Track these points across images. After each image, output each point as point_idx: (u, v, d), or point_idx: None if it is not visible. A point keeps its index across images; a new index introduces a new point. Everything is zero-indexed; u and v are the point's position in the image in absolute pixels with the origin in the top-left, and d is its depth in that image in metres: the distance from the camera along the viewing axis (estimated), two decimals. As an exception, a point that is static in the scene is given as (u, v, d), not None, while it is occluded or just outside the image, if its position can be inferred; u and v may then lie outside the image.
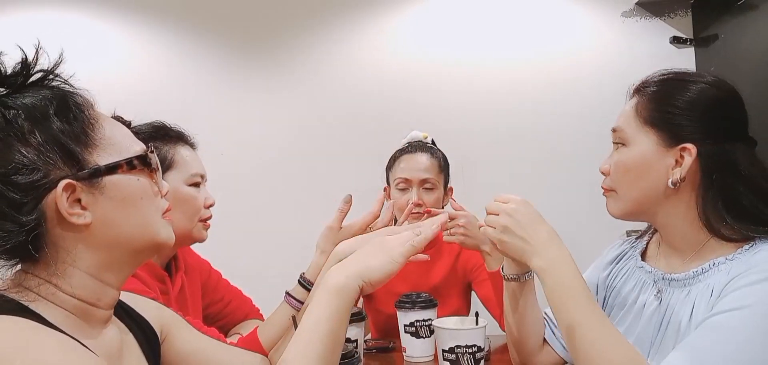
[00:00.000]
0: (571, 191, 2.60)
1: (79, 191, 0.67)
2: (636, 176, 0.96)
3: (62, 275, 0.68)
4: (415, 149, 1.73)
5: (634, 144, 0.96)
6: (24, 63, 0.68)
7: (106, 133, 0.71)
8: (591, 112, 2.62)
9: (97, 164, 0.68)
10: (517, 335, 1.16)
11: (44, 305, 0.67)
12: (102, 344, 0.71)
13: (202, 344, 0.93)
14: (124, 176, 0.70)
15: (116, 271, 0.72)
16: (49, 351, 0.59)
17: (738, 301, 0.82)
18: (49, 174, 0.65)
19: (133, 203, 0.71)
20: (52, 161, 0.66)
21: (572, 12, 2.77)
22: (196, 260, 1.46)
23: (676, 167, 0.93)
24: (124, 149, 0.72)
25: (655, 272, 1.01)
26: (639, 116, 0.96)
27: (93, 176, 0.68)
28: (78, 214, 0.67)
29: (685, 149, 0.92)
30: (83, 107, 0.70)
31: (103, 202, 0.69)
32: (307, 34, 2.83)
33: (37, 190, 0.65)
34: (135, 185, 0.72)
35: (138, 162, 0.72)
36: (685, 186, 0.93)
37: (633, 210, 1.00)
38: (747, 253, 0.88)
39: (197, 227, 1.27)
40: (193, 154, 1.30)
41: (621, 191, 0.99)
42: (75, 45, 2.51)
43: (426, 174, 1.67)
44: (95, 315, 0.71)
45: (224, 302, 1.48)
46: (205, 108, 2.79)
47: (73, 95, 0.71)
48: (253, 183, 2.80)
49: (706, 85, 0.95)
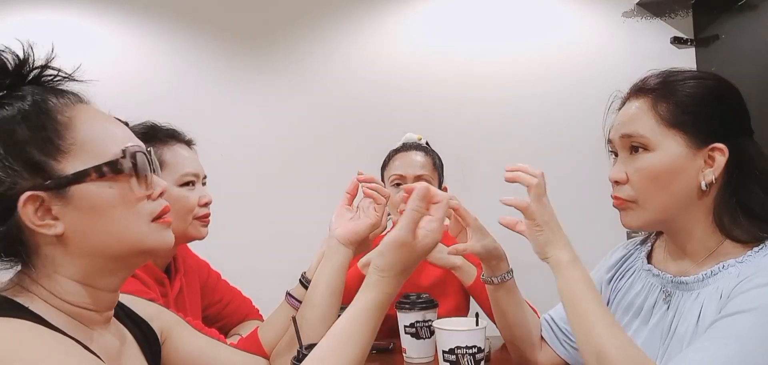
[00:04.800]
0: (571, 191, 2.59)
1: (49, 201, 0.65)
2: (666, 182, 0.91)
3: (55, 280, 0.68)
4: (410, 148, 1.77)
5: (661, 149, 0.90)
6: (17, 65, 0.68)
7: (79, 137, 0.68)
8: (591, 112, 2.59)
9: (64, 172, 0.66)
10: (508, 335, 1.17)
11: (43, 306, 0.67)
12: (102, 345, 0.70)
13: (202, 345, 0.93)
14: (93, 185, 0.67)
15: (106, 276, 0.71)
16: (49, 352, 0.59)
17: (746, 304, 0.81)
18: (15, 185, 0.64)
19: (103, 213, 0.68)
20: (17, 171, 0.65)
21: (572, 12, 2.76)
22: (194, 261, 1.45)
23: (706, 168, 0.90)
24: (97, 155, 0.68)
25: (663, 276, 0.99)
26: (661, 118, 0.91)
27: (59, 187, 0.66)
28: (49, 225, 0.66)
29: (715, 149, 0.89)
30: (53, 111, 0.68)
31: (71, 211, 0.66)
32: (307, 35, 2.82)
33: (6, 202, 0.64)
34: (105, 193, 0.68)
35: (108, 169, 0.68)
36: (711, 188, 0.91)
37: (657, 219, 0.95)
38: (757, 255, 0.87)
39: (193, 226, 1.25)
40: (186, 152, 1.27)
41: (647, 200, 0.93)
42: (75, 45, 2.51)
43: (421, 170, 1.70)
44: (93, 318, 0.71)
45: (223, 303, 1.47)
46: (205, 108, 2.79)
47: (46, 100, 0.68)
48: (253, 183, 2.79)
49: (714, 81, 0.94)
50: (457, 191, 1.90)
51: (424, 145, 1.80)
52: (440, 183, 1.77)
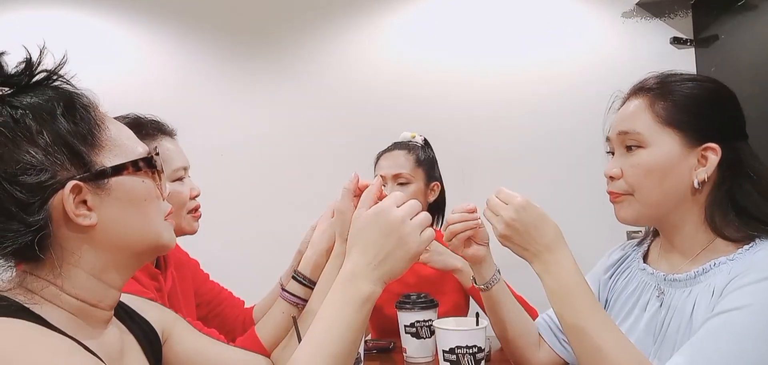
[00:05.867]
0: (571, 192, 2.60)
1: (85, 192, 0.67)
2: (659, 177, 0.93)
3: (66, 275, 0.68)
4: (394, 147, 1.80)
5: (655, 145, 0.94)
6: (28, 63, 0.68)
7: (111, 134, 0.71)
8: (591, 112, 2.60)
9: (103, 165, 0.68)
10: (504, 338, 1.17)
11: (46, 306, 0.66)
12: (103, 345, 0.71)
13: (203, 345, 0.93)
14: (130, 178, 0.70)
15: (119, 272, 0.72)
16: (50, 353, 0.59)
17: (738, 300, 0.82)
18: (56, 175, 0.65)
19: (137, 205, 0.71)
20: (60, 161, 0.66)
21: (572, 12, 2.77)
22: (184, 255, 1.45)
23: (699, 167, 0.92)
24: (128, 151, 0.72)
25: (656, 274, 1.00)
26: (657, 116, 0.94)
27: (99, 178, 0.68)
28: (84, 215, 0.67)
29: (708, 148, 0.91)
30: (89, 108, 0.70)
31: (108, 203, 0.68)
32: (307, 35, 2.83)
33: (45, 191, 0.65)
34: (140, 187, 0.72)
35: (143, 164, 0.72)
36: (704, 186, 0.93)
37: (650, 214, 0.97)
38: (748, 253, 0.88)
39: (186, 220, 1.26)
40: (173, 145, 1.27)
41: (640, 194, 0.96)
42: (76, 45, 2.51)
43: (399, 169, 1.73)
44: (96, 316, 0.71)
45: (212, 306, 1.47)
46: (205, 108, 2.79)
47: (80, 95, 0.70)
48: (253, 183, 2.80)
49: (711, 84, 0.96)
50: (456, 192, 1.91)
51: (412, 143, 1.82)
52: (429, 178, 1.78)
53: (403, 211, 0.79)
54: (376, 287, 0.77)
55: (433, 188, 1.79)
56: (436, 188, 1.80)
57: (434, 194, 1.80)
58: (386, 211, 0.79)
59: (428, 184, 1.77)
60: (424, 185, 1.76)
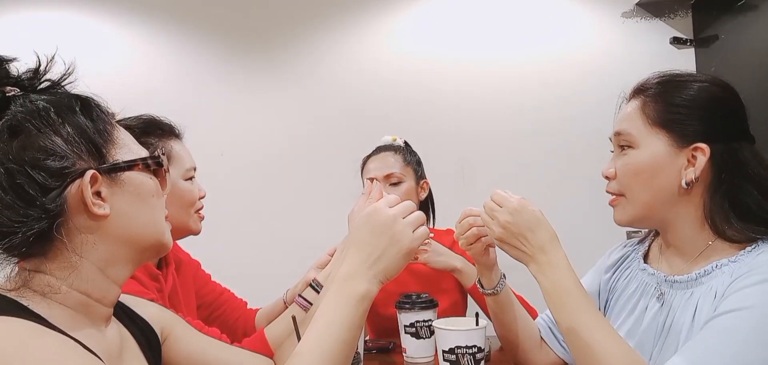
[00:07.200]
0: (571, 192, 2.60)
1: (101, 183, 0.69)
2: (648, 178, 0.95)
3: (72, 267, 0.68)
4: (380, 150, 1.82)
5: (644, 146, 0.95)
6: (36, 70, 0.71)
7: (121, 133, 0.75)
8: (591, 112, 2.62)
9: (117, 159, 0.72)
10: (508, 341, 1.17)
11: (46, 304, 0.67)
12: (102, 343, 0.71)
13: (204, 345, 0.93)
14: (140, 174, 0.74)
15: (122, 267, 0.74)
16: (48, 352, 0.59)
17: (740, 302, 0.81)
18: (75, 164, 0.68)
19: (146, 201, 0.74)
20: (79, 152, 0.69)
21: (572, 12, 2.77)
22: (187, 257, 1.46)
23: (689, 167, 0.92)
24: (135, 151, 0.75)
25: (657, 275, 1.00)
26: (646, 117, 0.95)
27: (114, 171, 0.71)
28: (99, 204, 0.69)
29: (698, 148, 0.91)
30: (102, 108, 0.74)
31: (120, 196, 0.71)
32: (307, 35, 2.83)
33: (65, 177, 0.67)
34: (149, 183, 0.75)
35: (152, 162, 0.76)
36: (696, 187, 0.93)
37: (643, 215, 0.98)
38: (750, 255, 0.88)
39: (193, 219, 1.30)
40: (183, 146, 1.31)
41: (631, 194, 0.97)
42: (75, 45, 2.51)
43: (389, 169, 1.74)
44: (98, 312, 0.72)
45: (213, 307, 1.48)
46: (205, 108, 2.79)
47: (94, 97, 0.74)
48: (253, 183, 2.80)
49: (710, 85, 0.95)
50: (457, 192, 1.91)
51: (397, 144, 1.84)
52: (418, 177, 1.80)
53: (396, 210, 0.83)
54: (371, 285, 0.80)
55: (423, 186, 1.82)
56: (426, 186, 1.83)
57: (424, 192, 1.82)
58: (378, 211, 0.83)
59: (418, 182, 1.80)
60: (414, 183, 1.78)
